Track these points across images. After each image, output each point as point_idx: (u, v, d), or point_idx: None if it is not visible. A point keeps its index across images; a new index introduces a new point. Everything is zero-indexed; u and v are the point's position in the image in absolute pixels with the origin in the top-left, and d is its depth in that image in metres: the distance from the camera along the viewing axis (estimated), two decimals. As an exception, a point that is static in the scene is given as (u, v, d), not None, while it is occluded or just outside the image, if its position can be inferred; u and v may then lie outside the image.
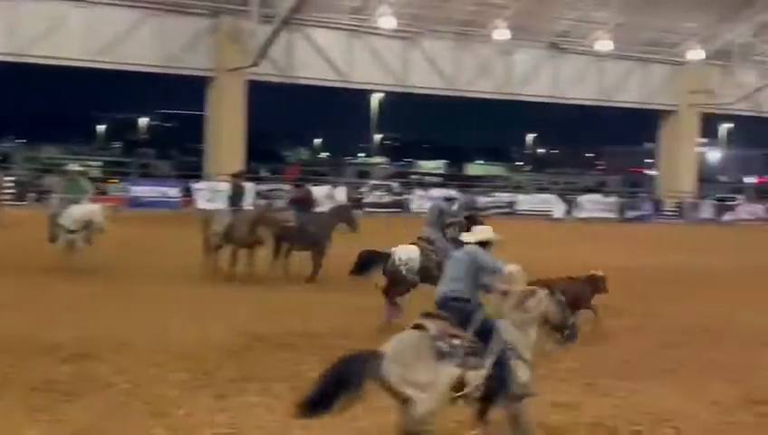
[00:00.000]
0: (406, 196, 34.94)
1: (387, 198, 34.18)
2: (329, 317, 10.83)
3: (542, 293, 6.09)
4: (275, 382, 7.68)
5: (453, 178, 40.96)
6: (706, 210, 37.47)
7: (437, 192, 35.32)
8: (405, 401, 5.35)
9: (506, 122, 64.42)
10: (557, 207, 35.02)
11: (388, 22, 31.90)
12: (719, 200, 39.16)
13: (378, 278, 10.59)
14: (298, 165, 54.72)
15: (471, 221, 10.11)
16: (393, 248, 10.50)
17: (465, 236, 6.39)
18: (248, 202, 18.99)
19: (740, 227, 35.19)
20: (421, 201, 34.51)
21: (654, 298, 13.69)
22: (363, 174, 43.80)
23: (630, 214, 35.93)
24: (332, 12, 32.68)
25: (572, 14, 34.58)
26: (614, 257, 19.95)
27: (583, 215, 34.85)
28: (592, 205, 35.73)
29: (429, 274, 10.12)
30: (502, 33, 33.19)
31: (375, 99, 58.19)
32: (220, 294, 12.49)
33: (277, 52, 31.66)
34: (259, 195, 29.95)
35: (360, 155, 76.02)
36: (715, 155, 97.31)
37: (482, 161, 70.21)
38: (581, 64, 37.06)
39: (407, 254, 10.40)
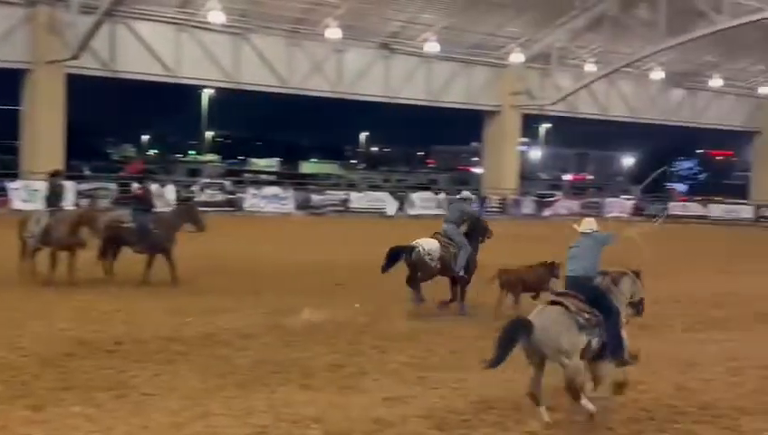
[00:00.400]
0: (239, 194, 34.41)
1: (219, 197, 33.50)
2: (155, 322, 10.46)
3: (631, 274, 7.46)
4: (97, 391, 7.32)
5: (287, 177, 40.75)
6: (528, 206, 39.50)
7: (271, 190, 35.17)
8: (542, 363, 6.85)
9: (340, 121, 65.01)
10: (390, 205, 35.68)
11: (216, 16, 31.22)
12: (539, 197, 41.36)
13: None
14: (141, 160, 52.55)
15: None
16: (417, 241, 11.72)
17: (582, 228, 7.69)
18: (68, 202, 17.98)
19: (557, 222, 37.36)
20: (255, 200, 34.16)
21: (479, 288, 14.19)
22: (194, 172, 42.67)
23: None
24: (158, 5, 31.59)
25: (402, 16, 35.34)
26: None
27: (415, 212, 35.71)
28: (423, 202, 36.69)
29: (446, 265, 11.66)
30: (333, 32, 33.39)
31: (205, 95, 56.91)
32: (39, 298, 11.76)
33: (99, 44, 30.22)
34: (81, 194, 28.50)
35: (190, 153, 74.06)
36: (535, 154, 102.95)
37: (316, 159, 70.39)
38: (411, 65, 37.97)
39: (429, 245, 11.66)
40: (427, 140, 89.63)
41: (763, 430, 7.09)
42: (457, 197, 13.48)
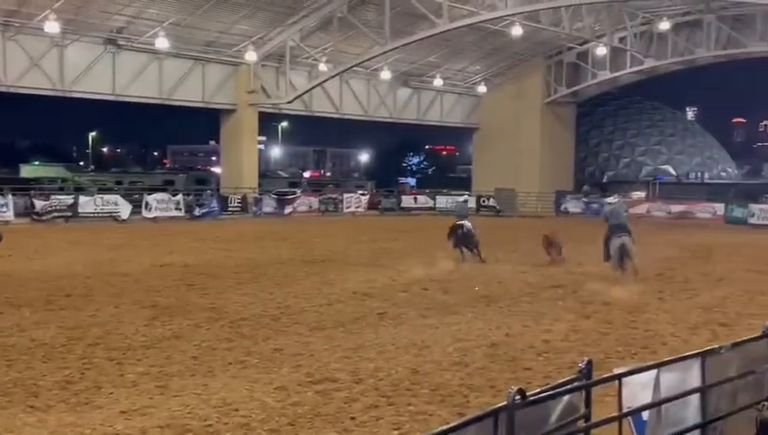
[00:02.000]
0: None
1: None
2: None
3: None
4: None
5: (4, 182, 37.00)
6: (269, 204, 39.61)
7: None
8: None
9: (65, 120, 60.87)
10: (123, 208, 34.02)
11: None
12: (280, 194, 41.64)
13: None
14: None
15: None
16: (462, 222, 19.38)
17: (610, 199, 14.59)
18: None
19: (298, 219, 37.94)
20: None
21: (220, 291, 14.08)
22: None
23: (198, 211, 36.43)
24: None
25: (128, 11, 33.76)
26: (184, 254, 20.14)
27: (152, 214, 34.42)
28: (160, 204, 35.44)
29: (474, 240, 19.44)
30: (52, 26, 31.06)
31: None
32: None
33: None
34: None
35: None
36: (275, 152, 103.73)
37: (38, 162, 65.21)
38: (141, 62, 36.45)
39: (470, 224, 19.50)
40: (163, 139, 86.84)
41: (489, 404, 7.69)
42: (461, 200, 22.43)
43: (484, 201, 45.59)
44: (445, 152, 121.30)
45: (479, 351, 9.72)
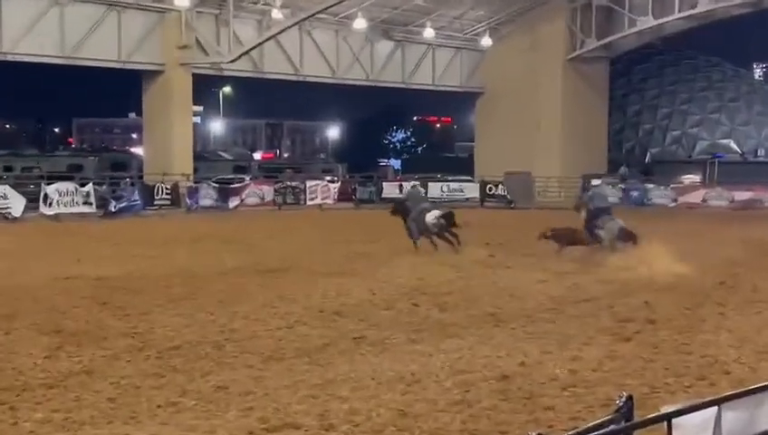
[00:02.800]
0: None
1: None
2: None
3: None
4: None
5: None
6: (208, 195, 39.53)
7: None
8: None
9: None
10: (15, 203, 33.80)
11: None
12: (222, 183, 41.60)
13: None
14: None
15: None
16: (432, 211, 22.53)
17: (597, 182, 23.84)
18: None
19: (247, 215, 37.89)
20: None
21: (144, 311, 14.03)
22: None
23: (115, 206, 36.28)
24: None
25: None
26: (97, 263, 20.06)
27: (53, 211, 34.24)
28: (64, 196, 35.24)
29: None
30: None
31: None
32: None
33: None
34: None
35: None
36: (215, 126, 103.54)
37: None
38: (36, 8, 36.30)
39: (436, 213, 22.54)
40: (66, 111, 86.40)
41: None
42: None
43: (490, 189, 45.79)
44: (438, 125, 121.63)
45: (486, 385, 9.75)
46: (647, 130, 63.83)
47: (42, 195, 34.50)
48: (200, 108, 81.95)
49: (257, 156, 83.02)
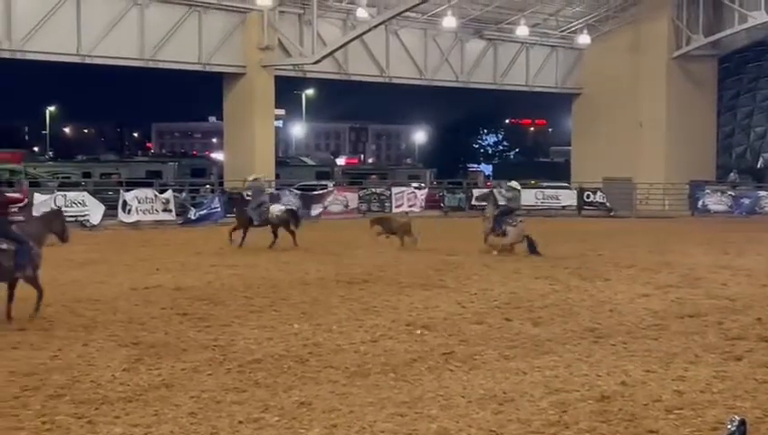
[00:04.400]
0: None
1: None
2: None
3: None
4: None
5: None
6: (290, 203, 39.74)
7: None
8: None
9: (14, 91, 62.23)
10: (94, 210, 34.49)
11: None
12: (304, 190, 41.86)
13: None
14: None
15: None
16: (275, 206, 26.74)
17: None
18: None
19: (330, 223, 38.08)
20: None
21: (225, 323, 14.21)
22: None
23: (194, 214, 36.80)
24: None
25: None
26: (176, 273, 20.38)
27: (132, 218, 34.85)
28: (143, 203, 35.84)
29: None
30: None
31: None
32: None
33: None
34: None
35: None
36: (297, 130, 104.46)
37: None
38: (116, 9, 37.06)
39: (281, 207, 26.85)
40: (145, 115, 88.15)
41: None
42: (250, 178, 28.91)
43: (588, 196, 45.30)
44: (532, 128, 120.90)
45: (584, 406, 9.65)
46: (759, 134, 62.48)
47: (120, 202, 35.17)
48: (282, 111, 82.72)
49: (341, 161, 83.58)
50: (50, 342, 12.80)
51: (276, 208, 26.93)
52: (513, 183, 26.95)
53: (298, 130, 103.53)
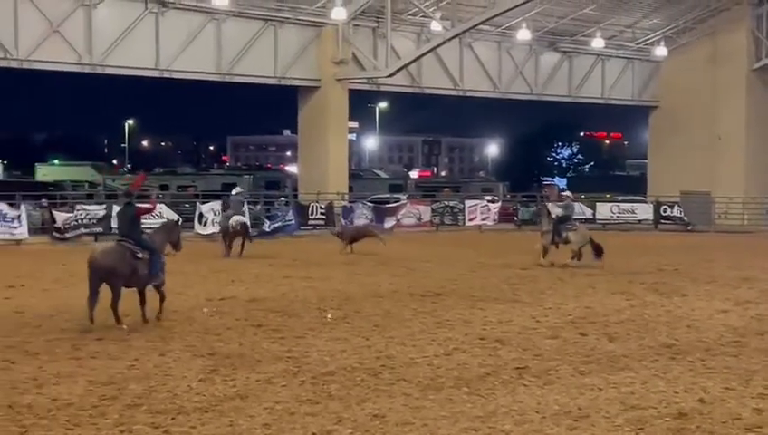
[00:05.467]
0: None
1: None
2: None
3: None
4: None
5: (15, 187, 37.92)
6: (363, 215, 39.90)
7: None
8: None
9: (93, 105, 63.32)
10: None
11: None
12: (378, 202, 41.95)
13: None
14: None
15: None
16: (237, 217, 28.10)
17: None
18: None
19: (403, 236, 38.09)
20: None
21: (299, 335, 14.31)
22: None
23: (269, 226, 37.08)
24: None
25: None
26: (251, 284, 20.59)
27: (208, 230, 35.17)
28: (219, 216, 36.09)
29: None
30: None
31: None
32: None
33: None
34: None
35: None
36: (371, 143, 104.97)
37: (59, 161, 67.93)
38: (193, 25, 37.57)
39: (240, 219, 28.11)
40: (221, 128, 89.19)
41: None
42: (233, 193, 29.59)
43: (665, 210, 44.69)
44: (608, 141, 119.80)
45: (661, 423, 9.54)
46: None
47: (197, 214, 35.62)
48: (356, 124, 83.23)
49: (414, 174, 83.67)
50: (127, 352, 13.02)
51: (234, 220, 28.10)
52: (566, 193, 27.33)
53: (371, 142, 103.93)
